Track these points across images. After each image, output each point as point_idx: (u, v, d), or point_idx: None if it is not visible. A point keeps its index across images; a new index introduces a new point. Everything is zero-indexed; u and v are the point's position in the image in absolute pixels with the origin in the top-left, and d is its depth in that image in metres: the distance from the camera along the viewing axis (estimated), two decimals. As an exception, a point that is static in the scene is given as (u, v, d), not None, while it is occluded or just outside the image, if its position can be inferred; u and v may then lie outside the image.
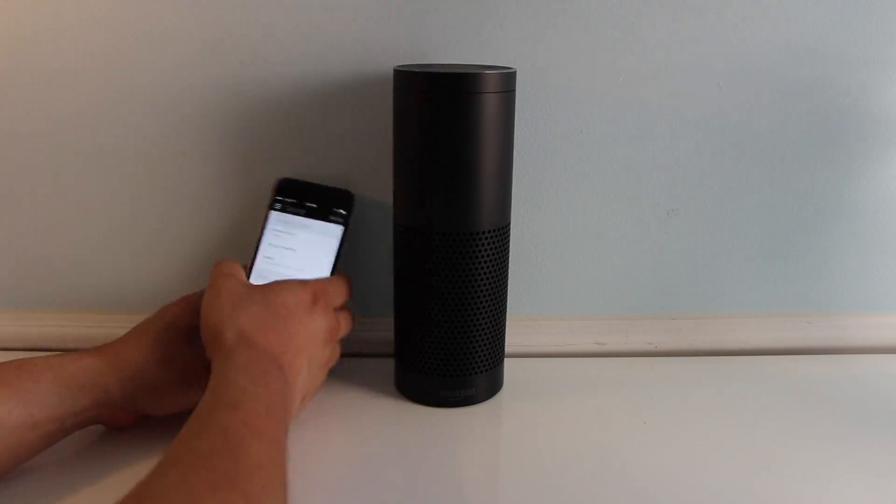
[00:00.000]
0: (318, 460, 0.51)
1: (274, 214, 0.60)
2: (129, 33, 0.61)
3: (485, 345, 0.58)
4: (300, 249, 0.59)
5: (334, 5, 0.60)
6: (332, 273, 0.59)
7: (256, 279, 0.58)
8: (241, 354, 0.46)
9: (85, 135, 0.63)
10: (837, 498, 0.48)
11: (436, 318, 0.56)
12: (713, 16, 0.62)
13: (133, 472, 0.49)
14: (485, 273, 0.56)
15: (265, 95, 0.63)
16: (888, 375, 0.65)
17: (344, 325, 0.57)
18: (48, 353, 0.50)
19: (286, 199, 0.61)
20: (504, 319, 0.60)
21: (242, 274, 0.54)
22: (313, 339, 0.51)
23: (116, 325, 0.56)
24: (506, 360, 0.62)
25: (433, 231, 0.54)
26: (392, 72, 0.55)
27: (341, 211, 0.60)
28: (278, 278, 0.56)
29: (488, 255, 0.56)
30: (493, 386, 0.60)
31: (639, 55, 0.63)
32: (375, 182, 0.65)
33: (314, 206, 0.60)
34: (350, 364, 0.64)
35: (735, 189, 0.67)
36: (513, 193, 0.58)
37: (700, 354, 0.69)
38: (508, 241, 0.58)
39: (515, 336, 0.66)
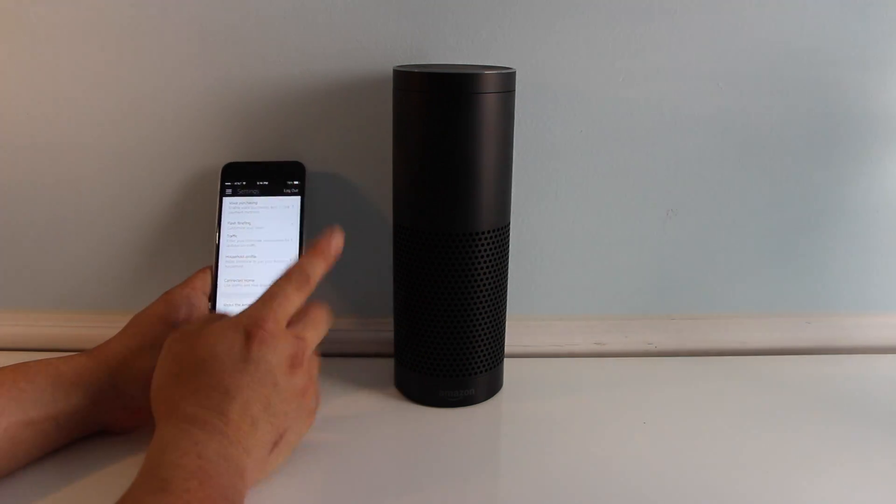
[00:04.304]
0: (318, 460, 0.51)
1: (227, 200, 0.61)
2: (126, 33, 0.61)
3: (484, 345, 0.58)
4: (265, 226, 0.60)
5: (334, 5, 0.60)
6: (302, 243, 0.59)
7: (225, 268, 0.59)
8: (168, 428, 0.42)
9: (85, 136, 0.63)
10: (837, 498, 0.48)
11: (436, 318, 0.56)
12: (713, 16, 0.62)
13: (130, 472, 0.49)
14: (484, 273, 0.56)
15: (265, 96, 0.63)
16: (887, 376, 0.65)
17: (310, 336, 0.48)
18: (46, 354, 0.51)
19: (236, 183, 0.61)
20: (503, 319, 0.60)
21: (180, 310, 0.53)
22: (262, 382, 0.44)
23: (115, 326, 0.56)
24: (505, 360, 0.62)
25: (433, 231, 0.54)
26: (392, 72, 0.55)
27: (295, 182, 0.61)
28: (249, 262, 0.57)
29: (488, 256, 0.56)
30: (492, 386, 0.60)
31: (639, 55, 0.63)
32: (375, 182, 0.65)
33: (266, 183, 0.61)
34: (350, 364, 0.64)
35: (735, 189, 0.67)
36: (512, 193, 0.58)
37: (699, 354, 0.69)
38: (508, 241, 0.58)
39: (515, 336, 0.66)
